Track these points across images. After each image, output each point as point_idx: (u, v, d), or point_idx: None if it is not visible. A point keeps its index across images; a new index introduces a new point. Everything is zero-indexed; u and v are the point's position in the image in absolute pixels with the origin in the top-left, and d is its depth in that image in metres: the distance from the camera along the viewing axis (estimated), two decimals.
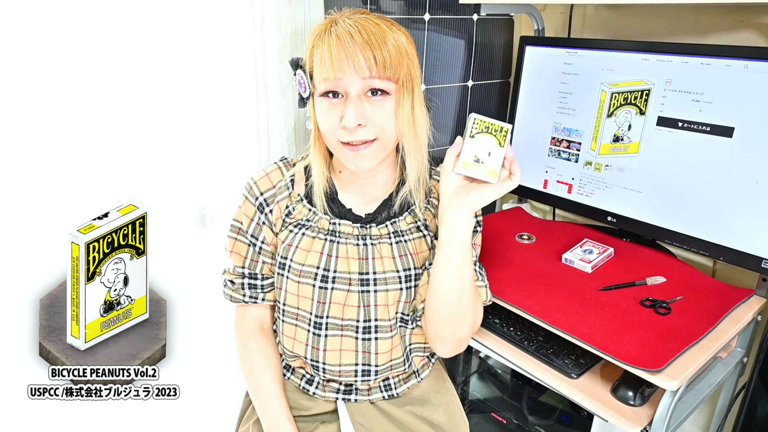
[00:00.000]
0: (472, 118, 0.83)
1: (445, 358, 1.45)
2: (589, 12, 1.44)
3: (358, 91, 0.81)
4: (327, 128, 0.85)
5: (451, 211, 0.83)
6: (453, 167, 0.84)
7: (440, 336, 0.91)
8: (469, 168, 0.82)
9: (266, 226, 0.95)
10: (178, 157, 1.16)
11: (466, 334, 0.92)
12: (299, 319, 0.94)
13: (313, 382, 1.00)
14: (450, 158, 0.85)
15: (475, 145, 0.82)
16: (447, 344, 0.92)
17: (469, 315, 0.90)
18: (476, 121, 0.82)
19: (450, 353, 0.95)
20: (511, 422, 1.40)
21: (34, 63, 0.96)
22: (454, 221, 0.83)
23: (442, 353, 0.95)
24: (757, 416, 1.19)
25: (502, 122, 0.83)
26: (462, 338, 0.92)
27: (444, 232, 0.85)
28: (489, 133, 0.83)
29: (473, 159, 0.82)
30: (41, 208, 1.04)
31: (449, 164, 0.84)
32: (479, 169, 0.82)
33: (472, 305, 0.89)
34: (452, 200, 0.84)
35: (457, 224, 0.83)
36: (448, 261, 0.85)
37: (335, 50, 0.79)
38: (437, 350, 0.95)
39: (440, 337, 0.91)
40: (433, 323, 0.90)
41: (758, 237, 1.03)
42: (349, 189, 0.95)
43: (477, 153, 0.82)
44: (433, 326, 0.90)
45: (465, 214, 0.83)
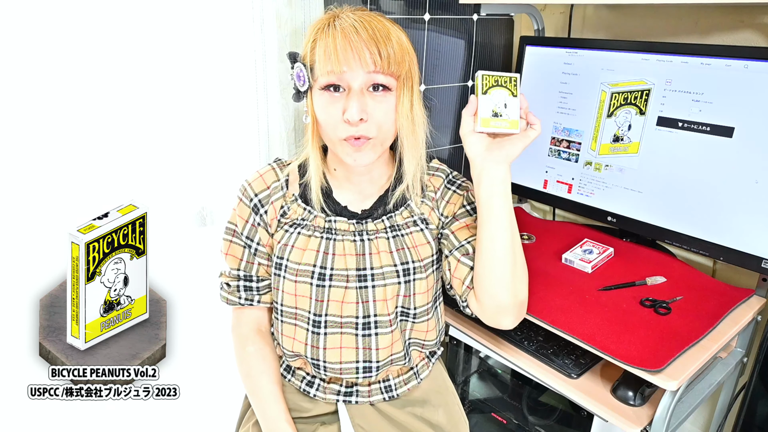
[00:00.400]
0: (480, 75, 0.82)
1: (445, 359, 1.45)
2: (589, 12, 1.44)
3: (361, 85, 0.81)
4: (328, 122, 0.84)
5: (490, 170, 0.82)
6: (474, 127, 0.83)
7: (504, 306, 0.87)
8: (490, 124, 0.82)
9: (261, 227, 0.95)
10: (178, 157, 1.16)
11: (526, 295, 0.89)
12: (298, 319, 0.94)
13: (313, 384, 1.00)
14: (468, 119, 0.84)
15: (490, 100, 0.82)
16: (511, 312, 0.88)
17: (526, 272, 0.88)
18: (485, 77, 0.82)
19: (515, 321, 0.90)
20: (511, 422, 1.39)
21: (34, 63, 0.96)
22: (496, 175, 0.82)
23: (507, 324, 0.90)
24: (757, 416, 1.19)
25: (510, 73, 0.83)
26: (523, 300, 0.89)
27: (489, 192, 0.83)
28: (500, 86, 0.82)
29: (492, 114, 0.82)
30: (41, 208, 1.04)
31: (469, 125, 0.84)
32: (500, 122, 0.82)
33: (524, 262, 0.88)
34: (486, 157, 0.83)
35: (500, 178, 0.82)
36: (501, 217, 0.83)
37: (341, 43, 0.79)
38: (503, 323, 0.90)
39: (504, 307, 0.87)
40: (493, 294, 0.86)
41: (758, 237, 1.03)
42: (344, 186, 0.95)
43: (494, 107, 0.82)
44: (494, 297, 0.86)
45: (503, 168, 0.82)
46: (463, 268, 0.90)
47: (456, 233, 0.92)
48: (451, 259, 0.91)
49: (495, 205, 0.83)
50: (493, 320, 0.90)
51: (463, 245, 0.91)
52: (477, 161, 0.84)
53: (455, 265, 0.90)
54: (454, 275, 0.91)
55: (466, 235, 0.92)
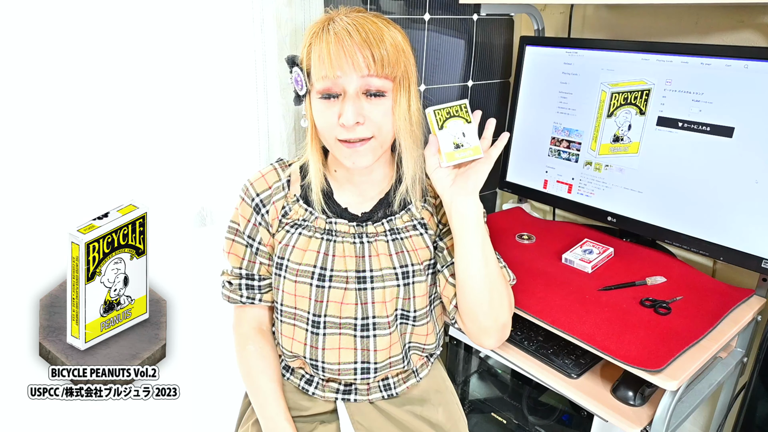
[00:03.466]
0: (432, 111, 0.84)
1: (445, 359, 1.45)
2: (589, 12, 1.44)
3: (356, 89, 0.81)
4: (325, 126, 0.85)
5: (459, 201, 0.84)
6: (440, 163, 0.85)
7: (485, 328, 0.89)
8: (455, 156, 0.84)
9: (263, 227, 0.95)
10: (178, 157, 1.16)
11: (507, 318, 0.91)
12: (297, 319, 0.94)
13: (312, 382, 1.00)
14: (431, 158, 0.86)
15: (448, 134, 0.84)
16: (492, 334, 0.90)
17: (505, 298, 0.89)
18: (437, 112, 0.84)
19: (497, 342, 0.92)
20: (511, 422, 1.40)
21: (34, 63, 0.96)
22: (465, 210, 0.84)
23: (489, 345, 0.93)
24: (757, 416, 1.19)
25: (457, 101, 0.85)
26: (504, 323, 0.91)
27: (459, 224, 0.85)
28: (453, 116, 0.84)
29: (453, 146, 0.83)
30: (41, 208, 1.04)
31: (434, 164, 0.86)
32: (464, 152, 0.84)
33: (504, 287, 0.89)
34: (455, 191, 0.84)
35: (469, 212, 0.84)
36: (472, 252, 0.85)
37: (333, 48, 0.79)
38: (484, 344, 0.93)
39: (485, 330, 0.90)
40: (472, 318, 0.89)
41: (758, 237, 1.03)
42: (344, 188, 0.95)
43: (453, 139, 0.84)
44: (475, 321, 0.89)
45: (472, 199, 0.84)
46: (450, 288, 0.92)
47: (449, 249, 0.93)
48: (441, 277, 0.94)
49: (467, 238, 0.85)
50: (477, 340, 0.93)
51: (452, 263, 0.92)
52: (446, 196, 0.86)
53: (444, 284, 0.93)
54: (443, 293, 0.94)
55: None
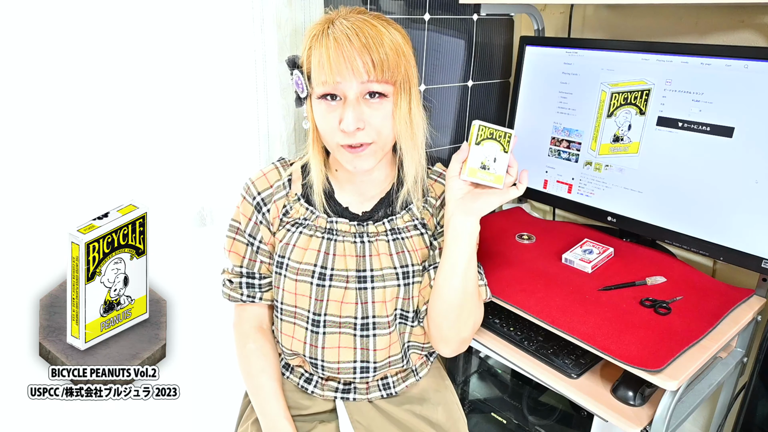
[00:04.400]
0: (477, 125, 0.83)
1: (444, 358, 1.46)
2: (589, 12, 1.44)
3: (356, 94, 0.81)
4: (326, 130, 0.85)
5: (459, 217, 0.84)
6: (459, 173, 0.84)
7: (444, 337, 0.92)
8: (477, 175, 0.83)
9: (264, 225, 0.95)
10: (178, 157, 1.16)
11: (469, 335, 0.93)
12: (297, 318, 0.94)
13: (311, 381, 1.00)
14: (456, 164, 0.85)
15: (481, 152, 0.83)
16: (450, 345, 0.93)
17: (473, 316, 0.91)
18: (481, 128, 0.83)
19: (452, 353, 0.95)
20: (511, 422, 1.40)
21: (34, 63, 0.96)
22: (462, 227, 0.84)
23: (444, 353, 0.96)
24: (757, 416, 1.19)
25: (506, 128, 0.84)
26: (465, 338, 0.93)
27: (451, 238, 0.85)
28: (493, 139, 0.83)
29: (480, 165, 0.83)
30: (41, 208, 1.04)
31: (455, 170, 0.85)
32: (486, 175, 0.83)
33: (475, 306, 0.91)
34: (459, 206, 0.84)
35: (464, 230, 0.84)
36: (455, 266, 0.86)
37: (333, 54, 0.78)
38: (440, 351, 0.96)
39: (444, 338, 0.92)
40: (437, 325, 0.91)
41: (758, 237, 1.03)
42: (345, 188, 0.95)
43: (483, 159, 0.83)
44: (437, 328, 0.91)
45: (472, 220, 0.84)
46: (429, 290, 0.93)
47: (440, 251, 0.94)
48: (425, 276, 0.94)
49: (453, 252, 0.86)
50: (434, 344, 0.96)
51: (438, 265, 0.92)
52: (450, 206, 0.86)
53: (426, 283, 0.93)
54: (421, 291, 0.94)
55: None
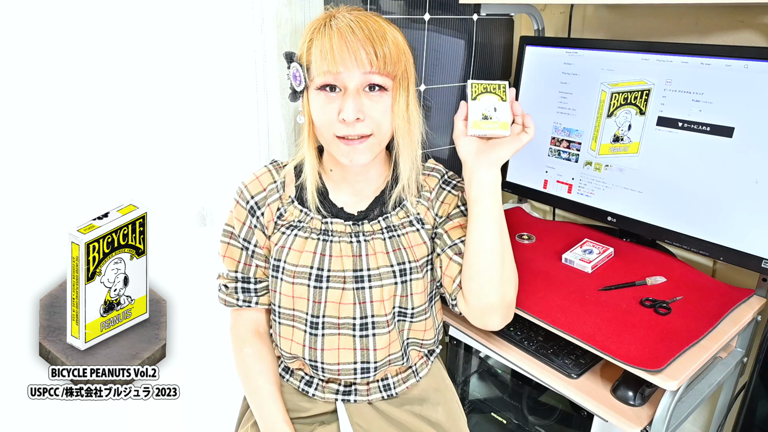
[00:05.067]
0: (470, 83, 0.86)
1: (445, 359, 1.45)
2: (589, 12, 1.44)
3: (357, 85, 0.81)
4: (323, 122, 0.84)
5: (481, 170, 0.84)
6: (465, 131, 0.85)
7: (491, 305, 0.88)
8: (481, 126, 0.85)
9: (258, 229, 0.95)
10: (178, 157, 1.16)
11: (513, 296, 0.90)
12: (295, 320, 0.94)
13: (312, 384, 1.00)
14: (459, 123, 0.86)
15: (480, 105, 0.85)
16: (498, 312, 0.89)
17: (514, 274, 0.89)
18: (474, 85, 0.85)
19: (502, 322, 0.91)
20: (511, 422, 1.40)
21: (34, 63, 0.96)
22: (485, 179, 0.84)
23: (494, 325, 0.91)
24: (757, 416, 1.19)
25: (497, 81, 0.86)
26: (510, 302, 0.90)
27: (478, 192, 0.85)
28: (489, 92, 0.85)
29: (482, 117, 0.85)
30: (41, 208, 1.04)
31: (460, 128, 0.86)
32: (491, 124, 0.84)
33: (513, 264, 0.89)
34: (477, 161, 0.85)
35: (490, 181, 0.84)
36: (489, 220, 0.85)
37: (337, 43, 0.79)
38: (490, 323, 0.91)
39: (491, 307, 0.88)
40: (480, 293, 0.87)
41: (758, 237, 1.03)
42: (340, 188, 0.95)
43: (483, 111, 0.85)
44: (482, 296, 0.87)
45: (493, 171, 0.84)
46: (454, 266, 0.91)
47: (449, 232, 0.93)
48: (443, 257, 0.92)
49: (484, 205, 0.85)
50: (480, 320, 0.91)
51: (456, 244, 0.91)
52: (468, 163, 0.86)
53: (447, 263, 0.91)
54: (445, 273, 0.92)
55: (459, 234, 0.92)
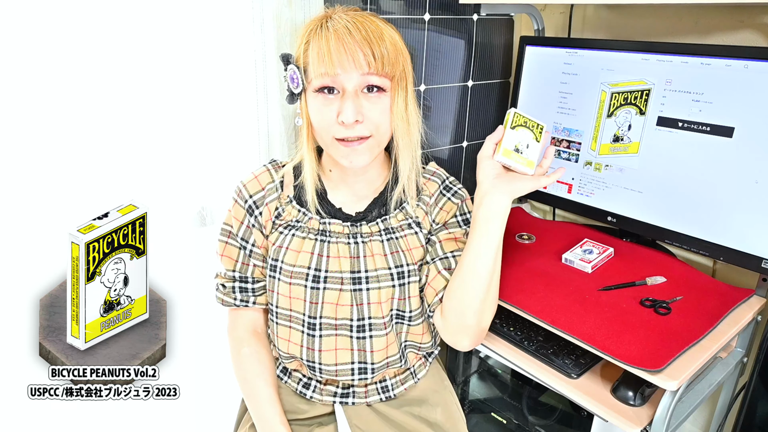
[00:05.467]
0: (512, 112, 0.85)
1: (443, 358, 1.45)
2: (589, 12, 1.44)
3: (355, 86, 0.81)
4: (322, 124, 0.84)
5: (494, 196, 0.84)
6: (493, 154, 0.85)
7: (466, 327, 0.88)
8: (510, 156, 0.85)
9: (256, 228, 0.95)
10: (178, 157, 1.16)
11: (488, 323, 0.90)
12: (293, 321, 0.93)
13: (310, 386, 0.99)
14: (489, 144, 0.86)
15: (515, 136, 0.85)
16: (471, 335, 0.90)
17: (495, 301, 0.90)
18: (516, 115, 0.85)
19: (472, 345, 0.92)
20: (511, 422, 1.40)
21: (34, 63, 0.96)
22: (497, 206, 0.84)
23: (464, 346, 0.92)
24: (757, 416, 1.19)
25: (539, 120, 0.86)
26: (484, 328, 0.90)
27: (485, 215, 0.84)
28: (527, 128, 0.85)
29: (513, 148, 0.84)
30: (41, 208, 1.04)
31: (489, 150, 0.86)
32: (519, 158, 0.85)
33: (497, 293, 0.90)
34: (494, 185, 0.84)
35: (500, 209, 0.84)
36: (489, 243, 0.85)
37: (334, 45, 0.78)
38: (459, 344, 0.92)
39: (466, 328, 0.89)
40: (459, 314, 0.88)
41: (758, 237, 1.03)
42: (339, 188, 0.95)
43: (517, 143, 0.85)
44: (460, 317, 0.88)
45: (506, 199, 0.84)
46: (441, 280, 0.91)
47: (443, 243, 0.93)
48: (432, 268, 0.92)
49: (488, 230, 0.85)
50: (452, 338, 0.92)
51: (446, 257, 0.91)
52: (484, 185, 0.85)
53: (434, 275, 0.91)
54: (430, 284, 0.92)
55: (452, 248, 0.92)
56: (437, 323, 0.93)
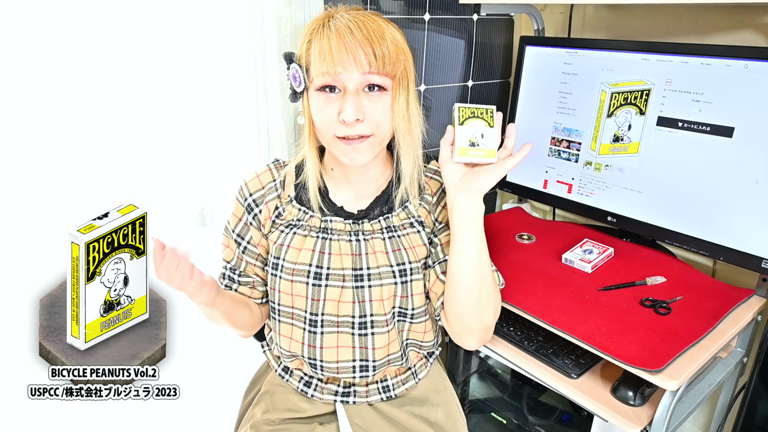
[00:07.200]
0: (456, 108, 0.84)
1: (445, 359, 1.45)
2: (589, 12, 1.44)
3: (356, 85, 0.81)
4: (323, 123, 0.84)
5: (461, 200, 0.84)
6: (451, 157, 0.85)
7: (468, 327, 0.90)
8: (467, 153, 0.83)
9: (254, 227, 0.95)
10: (178, 157, 1.16)
11: (491, 321, 0.91)
12: (295, 318, 0.94)
13: (311, 384, 1.00)
14: (445, 148, 0.85)
15: (467, 131, 0.83)
16: (475, 335, 0.91)
17: (492, 300, 0.89)
18: (461, 109, 0.84)
19: (479, 343, 0.93)
20: (511, 422, 1.40)
21: (34, 63, 0.96)
22: (466, 209, 0.84)
23: (470, 345, 0.93)
24: (757, 416, 1.19)
25: (485, 105, 0.84)
26: (488, 326, 0.91)
27: (458, 221, 0.85)
28: (476, 117, 0.84)
29: (468, 144, 0.83)
30: (41, 208, 1.04)
31: (446, 154, 0.85)
32: (477, 152, 0.83)
33: (493, 290, 0.89)
34: (459, 189, 0.84)
35: (469, 212, 0.84)
36: (468, 249, 0.85)
37: (335, 44, 0.79)
38: (466, 343, 0.93)
39: (468, 329, 0.90)
40: (458, 316, 0.89)
41: (758, 237, 1.03)
42: (340, 187, 0.95)
43: (470, 137, 0.83)
44: (459, 319, 0.89)
45: (475, 200, 0.83)
46: (440, 285, 0.92)
47: (443, 245, 0.93)
48: (431, 273, 0.93)
49: (463, 238, 0.85)
50: (458, 339, 0.93)
51: (445, 260, 0.92)
52: (450, 191, 0.86)
53: (434, 280, 0.92)
54: (431, 289, 0.93)
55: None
56: (444, 325, 0.94)
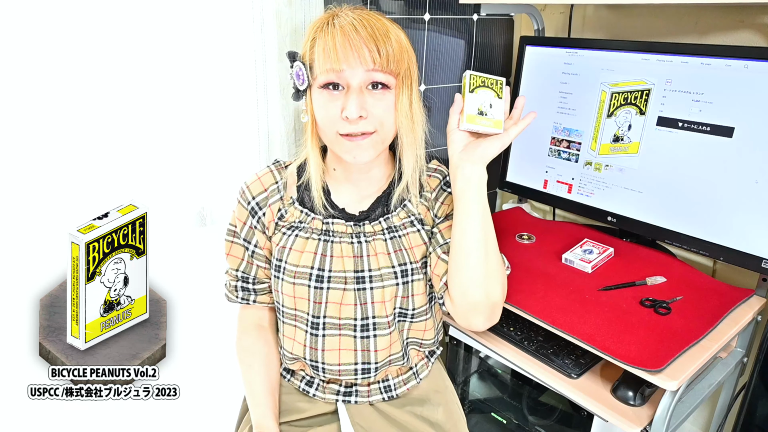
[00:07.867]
0: (468, 75, 0.84)
1: (445, 359, 1.45)
2: (589, 12, 1.44)
3: (360, 83, 0.81)
4: (326, 120, 0.84)
5: (465, 167, 0.84)
6: (458, 125, 0.85)
7: (474, 303, 0.87)
8: (475, 121, 0.83)
9: (258, 230, 0.95)
10: (178, 157, 1.16)
11: (499, 297, 0.88)
12: (297, 320, 0.94)
13: (312, 384, 1.00)
14: (453, 117, 0.86)
15: (476, 99, 0.84)
16: (482, 311, 0.87)
17: (499, 274, 0.87)
18: (472, 77, 0.84)
19: (486, 322, 0.90)
20: (511, 422, 1.40)
21: (34, 63, 0.96)
22: (470, 175, 0.83)
23: (478, 325, 0.90)
24: (757, 416, 1.19)
25: (495, 76, 0.85)
26: (496, 302, 0.88)
27: (461, 188, 0.84)
28: (486, 87, 0.84)
29: (477, 112, 0.83)
30: (41, 208, 1.04)
31: (454, 123, 0.85)
32: (485, 121, 0.83)
33: (500, 266, 0.88)
34: (463, 156, 0.84)
35: (472, 179, 0.83)
36: (472, 212, 0.84)
37: (340, 41, 0.79)
38: (473, 323, 0.90)
39: (474, 305, 0.87)
40: (464, 291, 0.86)
41: (758, 237, 1.03)
42: (342, 187, 0.95)
43: (479, 106, 0.83)
44: (465, 294, 0.86)
45: (478, 168, 0.83)
46: (442, 264, 0.90)
47: (443, 231, 0.92)
48: (433, 256, 0.92)
49: (467, 200, 0.84)
50: (465, 319, 0.90)
51: (446, 242, 0.91)
52: (454, 159, 0.86)
53: (435, 261, 0.91)
54: (433, 272, 0.92)
55: (450, 234, 0.92)
56: (449, 308, 0.91)
